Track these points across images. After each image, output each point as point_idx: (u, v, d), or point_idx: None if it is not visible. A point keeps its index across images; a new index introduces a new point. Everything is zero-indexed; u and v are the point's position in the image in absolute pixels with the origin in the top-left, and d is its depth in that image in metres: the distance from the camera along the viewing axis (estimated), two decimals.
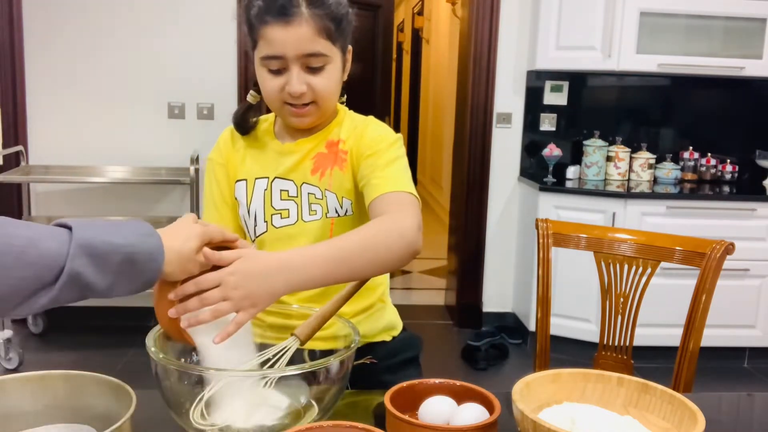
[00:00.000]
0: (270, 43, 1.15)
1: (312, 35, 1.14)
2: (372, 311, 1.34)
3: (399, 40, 9.27)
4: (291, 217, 1.26)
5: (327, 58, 1.17)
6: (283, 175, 1.27)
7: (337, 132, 1.28)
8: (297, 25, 1.13)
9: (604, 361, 1.63)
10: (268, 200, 1.27)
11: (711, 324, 1.56)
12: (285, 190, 1.27)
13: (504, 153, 3.73)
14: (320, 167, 1.26)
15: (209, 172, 1.34)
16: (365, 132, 1.25)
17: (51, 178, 3.39)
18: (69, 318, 3.56)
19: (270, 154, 1.30)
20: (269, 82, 1.19)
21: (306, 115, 1.21)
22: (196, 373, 0.94)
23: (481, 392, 0.95)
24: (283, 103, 1.20)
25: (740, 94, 3.74)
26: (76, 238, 0.78)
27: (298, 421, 0.96)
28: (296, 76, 1.16)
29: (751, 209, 3.24)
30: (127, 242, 0.82)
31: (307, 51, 1.15)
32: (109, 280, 0.81)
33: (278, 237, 1.27)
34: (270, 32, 1.14)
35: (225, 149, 1.33)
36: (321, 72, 1.18)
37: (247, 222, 1.30)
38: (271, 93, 1.20)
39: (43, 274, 0.76)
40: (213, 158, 1.34)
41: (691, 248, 1.52)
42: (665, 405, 0.94)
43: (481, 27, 3.60)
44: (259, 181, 1.29)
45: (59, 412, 0.93)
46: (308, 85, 1.17)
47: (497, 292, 3.84)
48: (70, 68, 3.45)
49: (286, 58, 1.15)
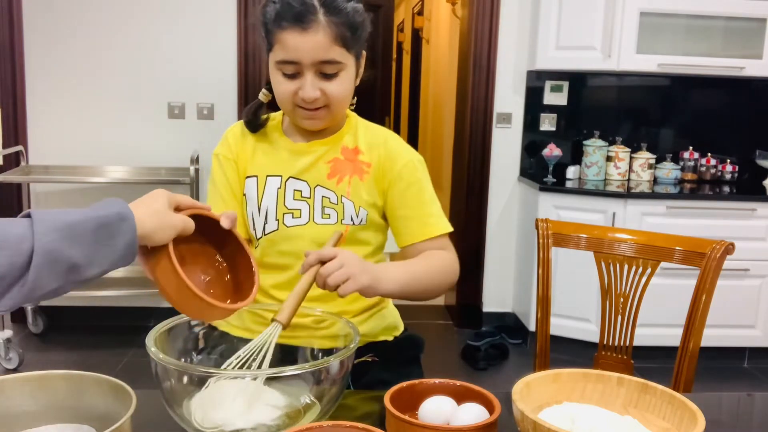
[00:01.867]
0: (286, 48, 1.15)
1: (328, 43, 1.15)
2: (375, 311, 1.34)
3: (399, 40, 9.27)
4: (303, 218, 1.27)
5: (341, 65, 1.18)
6: (298, 175, 1.28)
7: (351, 139, 1.30)
8: (314, 33, 1.14)
9: (604, 361, 1.63)
10: (282, 199, 1.28)
11: (711, 324, 1.56)
12: (299, 190, 1.28)
13: (504, 153, 3.73)
14: (338, 173, 1.27)
15: (216, 167, 1.34)
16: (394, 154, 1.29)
17: (51, 178, 3.39)
18: (69, 318, 3.57)
19: (282, 153, 1.30)
20: (283, 85, 1.19)
21: (317, 118, 1.22)
22: (196, 373, 0.94)
23: (481, 392, 0.95)
24: (295, 105, 1.21)
25: (740, 94, 3.74)
26: (38, 220, 0.77)
27: (298, 420, 0.96)
28: (310, 83, 1.17)
29: (751, 209, 3.24)
30: (92, 212, 0.81)
31: (322, 58, 1.16)
32: (88, 252, 0.79)
33: (288, 236, 1.27)
34: (286, 37, 1.15)
35: (235, 145, 1.33)
36: (335, 78, 1.19)
37: (255, 219, 1.30)
38: (284, 96, 1.20)
39: (14, 259, 0.74)
40: (221, 153, 1.33)
41: (691, 248, 1.52)
42: (665, 405, 0.94)
43: (481, 27, 3.60)
44: (272, 179, 1.29)
45: (59, 412, 0.93)
46: (321, 90, 1.18)
47: (497, 292, 3.84)
48: (70, 68, 3.45)
49: (301, 63, 1.16)
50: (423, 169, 1.31)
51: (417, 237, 1.27)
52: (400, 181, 1.27)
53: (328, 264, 1.04)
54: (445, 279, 1.24)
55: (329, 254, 1.05)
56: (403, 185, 1.27)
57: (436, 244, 1.27)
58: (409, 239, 1.28)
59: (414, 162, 1.29)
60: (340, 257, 1.05)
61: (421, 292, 1.21)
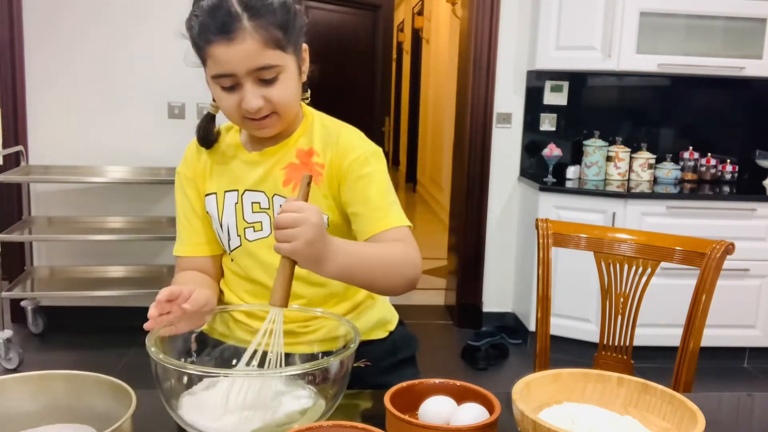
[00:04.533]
0: (217, 62, 1.10)
1: (259, 48, 1.08)
2: (361, 308, 1.32)
3: (399, 40, 9.28)
4: (264, 230, 1.24)
5: (279, 67, 1.12)
6: (254, 187, 1.24)
7: (307, 140, 1.24)
8: (241, 41, 1.07)
9: (604, 361, 1.63)
10: (240, 214, 1.24)
11: (711, 324, 1.56)
12: (257, 203, 1.24)
13: (504, 153, 3.73)
14: (293, 179, 1.22)
15: (178, 186, 1.31)
16: (345, 149, 1.21)
17: (51, 178, 3.39)
18: (69, 318, 3.57)
19: (237, 165, 1.26)
20: (225, 100, 1.14)
21: (268, 126, 1.17)
22: (196, 373, 0.94)
23: (481, 392, 0.95)
24: (243, 117, 1.16)
25: (740, 94, 3.74)
26: None
27: (298, 421, 0.95)
28: (250, 92, 1.11)
29: (751, 209, 3.24)
30: None
31: (256, 65, 1.09)
32: None
33: (252, 250, 1.25)
34: (215, 51, 1.09)
35: (192, 163, 1.29)
36: (275, 83, 1.12)
37: (221, 236, 1.27)
38: (229, 110, 1.16)
39: None
40: (181, 172, 1.30)
41: (691, 248, 1.52)
42: (665, 405, 0.94)
43: (481, 27, 3.60)
44: (229, 194, 1.25)
45: (59, 412, 0.93)
46: (264, 98, 1.12)
47: (497, 292, 3.84)
48: (70, 68, 3.45)
49: (236, 74, 1.10)
50: (376, 162, 1.22)
51: (365, 233, 1.18)
52: (349, 176, 1.20)
53: (285, 216, 0.95)
54: (397, 271, 1.12)
55: (292, 207, 0.96)
56: (352, 181, 1.20)
57: (388, 237, 1.16)
58: (360, 237, 1.20)
59: (365, 155, 1.21)
60: (302, 215, 0.95)
61: (366, 281, 1.11)
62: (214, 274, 1.32)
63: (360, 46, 4.34)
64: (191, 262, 1.31)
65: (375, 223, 1.17)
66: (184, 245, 1.31)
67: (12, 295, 3.21)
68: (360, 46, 4.34)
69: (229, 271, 1.31)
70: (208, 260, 1.31)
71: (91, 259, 3.58)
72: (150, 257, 3.62)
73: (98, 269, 3.54)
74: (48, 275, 3.49)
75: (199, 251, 1.30)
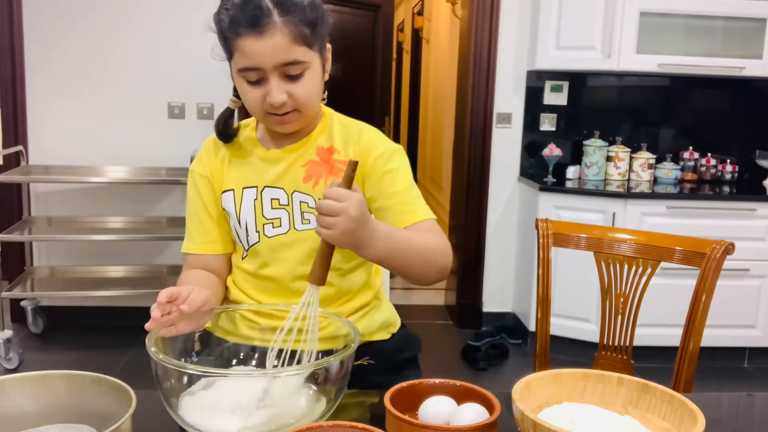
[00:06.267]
0: (245, 55, 1.12)
1: (288, 44, 1.11)
2: (367, 309, 1.33)
3: (399, 40, 9.27)
4: (283, 227, 1.25)
5: (305, 64, 1.14)
6: (273, 183, 1.25)
7: (326, 138, 1.27)
8: (271, 35, 1.10)
9: (604, 361, 1.63)
10: (259, 210, 1.26)
11: (711, 324, 1.56)
12: (276, 199, 1.25)
13: (504, 153, 3.73)
14: (313, 176, 1.24)
15: (191, 184, 1.32)
16: (368, 147, 1.24)
17: (51, 178, 3.39)
18: (69, 318, 3.57)
19: (256, 162, 1.28)
20: (249, 93, 1.16)
21: (289, 122, 1.19)
22: (196, 373, 0.94)
23: (481, 392, 0.95)
24: (266, 112, 1.18)
25: (740, 94, 3.74)
26: None
27: (299, 420, 0.95)
28: (276, 87, 1.13)
29: (751, 209, 3.24)
30: None
31: (284, 60, 1.12)
32: None
33: (271, 246, 1.25)
34: (244, 44, 1.11)
35: (208, 160, 1.31)
36: (300, 79, 1.15)
37: (239, 232, 1.28)
38: (253, 104, 1.18)
39: None
40: (195, 170, 1.31)
41: (691, 248, 1.52)
42: (665, 405, 0.94)
43: (481, 27, 3.60)
44: (248, 191, 1.27)
45: (59, 412, 0.93)
46: (288, 93, 1.15)
47: (497, 292, 3.84)
48: (70, 68, 3.45)
49: (263, 69, 1.12)
50: (399, 159, 1.25)
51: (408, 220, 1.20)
52: (373, 173, 1.23)
53: (326, 203, 0.97)
54: (433, 259, 1.15)
55: (334, 194, 0.98)
56: (377, 177, 1.23)
57: (417, 229, 1.19)
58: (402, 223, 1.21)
59: (389, 152, 1.24)
60: (342, 206, 0.97)
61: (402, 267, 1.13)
62: (221, 273, 1.33)
63: (360, 46, 4.33)
64: (199, 260, 1.32)
65: (404, 216, 1.20)
66: (194, 243, 1.32)
67: (12, 295, 3.21)
68: (360, 46, 4.33)
69: (238, 269, 1.32)
70: (216, 258, 1.32)
71: (91, 259, 3.58)
72: (150, 257, 3.62)
73: (98, 269, 3.54)
74: (48, 275, 3.49)
75: (209, 249, 1.31)
